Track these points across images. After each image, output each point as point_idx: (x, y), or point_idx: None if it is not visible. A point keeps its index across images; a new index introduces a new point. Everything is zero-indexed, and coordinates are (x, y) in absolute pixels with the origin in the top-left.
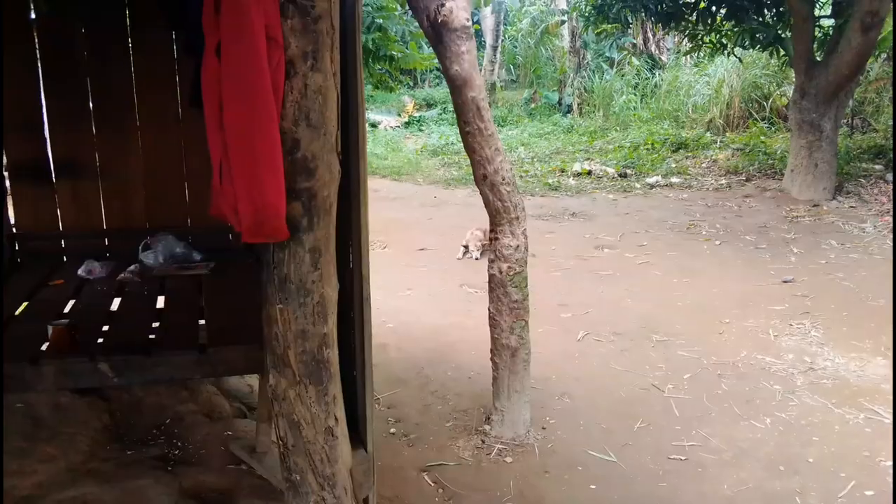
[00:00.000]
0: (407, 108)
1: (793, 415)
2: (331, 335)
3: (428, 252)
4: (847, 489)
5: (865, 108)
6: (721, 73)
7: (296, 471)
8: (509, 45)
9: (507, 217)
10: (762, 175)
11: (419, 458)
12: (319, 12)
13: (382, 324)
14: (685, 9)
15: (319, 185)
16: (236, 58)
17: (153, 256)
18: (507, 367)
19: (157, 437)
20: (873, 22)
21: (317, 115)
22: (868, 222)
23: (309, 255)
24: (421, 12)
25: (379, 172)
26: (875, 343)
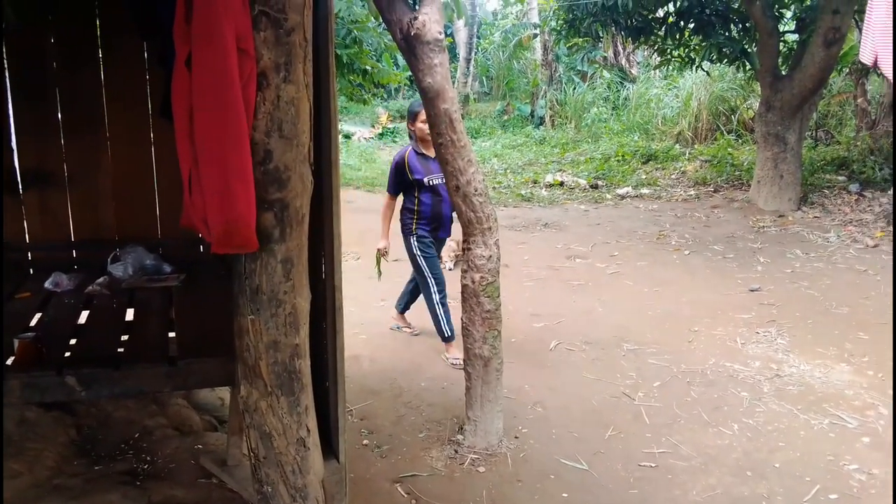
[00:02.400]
0: (381, 120)
1: (760, 421)
2: (303, 346)
3: (401, 263)
4: (812, 493)
5: (828, 120)
6: (689, 86)
7: (267, 482)
8: (482, 58)
9: (480, 228)
10: (730, 186)
11: (392, 469)
12: (292, 24)
13: (356, 335)
14: (654, 24)
15: (292, 195)
16: (207, 69)
17: (122, 268)
18: (479, 376)
19: (126, 451)
20: (835, 37)
21: (289, 126)
22: (832, 232)
23: (281, 265)
24: (394, 25)
25: (353, 184)
26: (839, 350)
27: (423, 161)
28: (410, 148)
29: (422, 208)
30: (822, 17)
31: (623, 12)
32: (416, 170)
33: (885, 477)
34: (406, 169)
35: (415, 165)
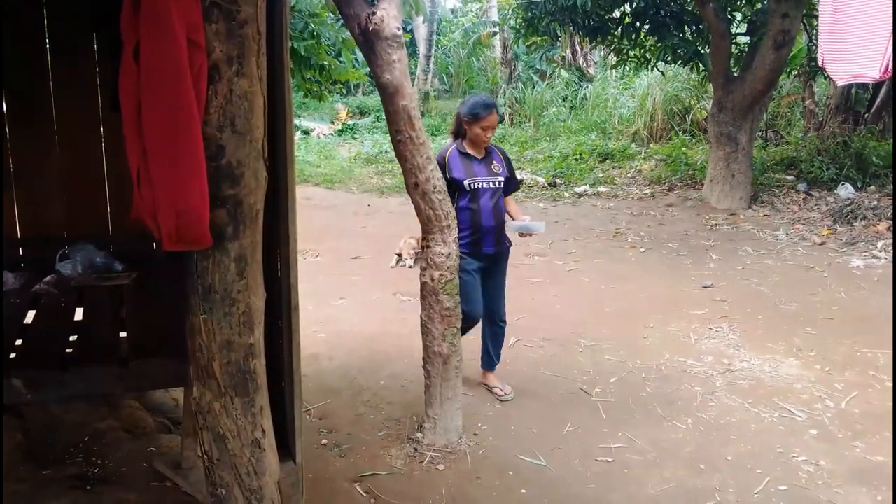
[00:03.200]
0: (340, 116)
1: (712, 415)
2: (257, 345)
3: (361, 260)
4: (763, 485)
5: (778, 121)
6: (645, 86)
7: (221, 485)
8: (442, 56)
9: (439, 225)
10: (683, 185)
11: (351, 469)
12: (245, 17)
13: (314, 333)
14: (611, 24)
15: (245, 192)
16: (156, 61)
17: (71, 266)
18: (439, 374)
19: (76, 455)
20: (785, 40)
21: (242, 120)
22: (781, 230)
23: (234, 263)
24: (352, 20)
25: (311, 180)
26: (787, 345)
27: (466, 161)
28: (454, 146)
29: (460, 216)
30: (772, 20)
31: (581, 12)
32: (456, 169)
33: (831, 468)
34: (446, 167)
35: (455, 165)
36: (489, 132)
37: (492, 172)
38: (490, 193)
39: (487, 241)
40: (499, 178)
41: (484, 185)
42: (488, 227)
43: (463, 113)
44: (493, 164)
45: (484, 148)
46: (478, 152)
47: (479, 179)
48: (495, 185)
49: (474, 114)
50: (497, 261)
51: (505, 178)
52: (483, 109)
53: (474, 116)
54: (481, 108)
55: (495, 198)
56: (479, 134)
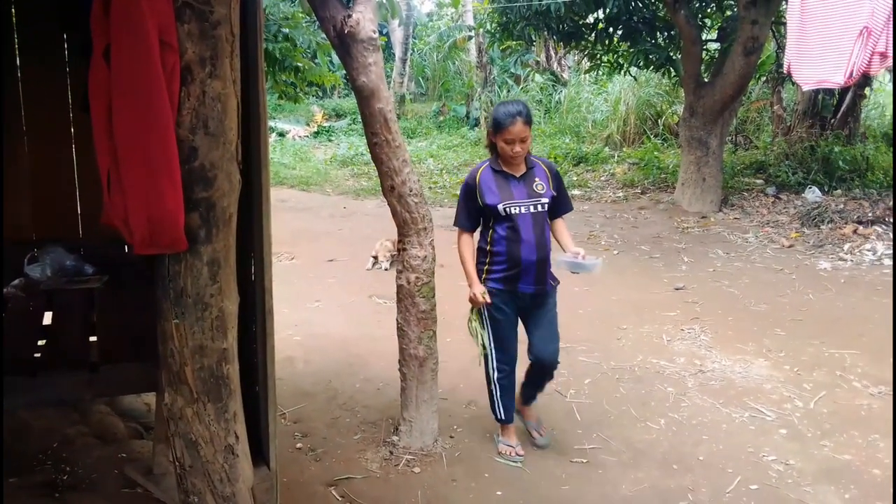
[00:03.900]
0: (316, 118)
1: (685, 415)
2: (231, 350)
3: (337, 263)
4: (734, 484)
5: (747, 126)
6: (618, 91)
7: (193, 492)
8: (418, 59)
9: (415, 228)
10: (656, 188)
11: (326, 473)
12: (218, 17)
13: (289, 336)
14: (585, 29)
15: (218, 195)
16: (127, 62)
17: (40, 270)
18: (415, 377)
19: (44, 462)
20: (754, 47)
21: (215, 122)
22: (750, 233)
23: (207, 267)
24: (327, 22)
25: (287, 182)
26: (757, 345)
27: (500, 181)
28: (486, 163)
29: (495, 247)
30: (742, 27)
31: (555, 17)
32: (490, 191)
33: (801, 466)
34: (477, 191)
35: (488, 186)
36: (516, 146)
37: (533, 193)
38: (532, 219)
39: (527, 278)
40: (542, 199)
41: (523, 210)
42: (529, 261)
43: (489, 124)
44: (534, 182)
45: (524, 163)
46: (515, 168)
47: (516, 203)
48: (538, 209)
49: (495, 123)
50: (538, 303)
51: (550, 199)
52: (504, 117)
53: (496, 126)
54: (502, 116)
55: (539, 225)
56: (505, 149)
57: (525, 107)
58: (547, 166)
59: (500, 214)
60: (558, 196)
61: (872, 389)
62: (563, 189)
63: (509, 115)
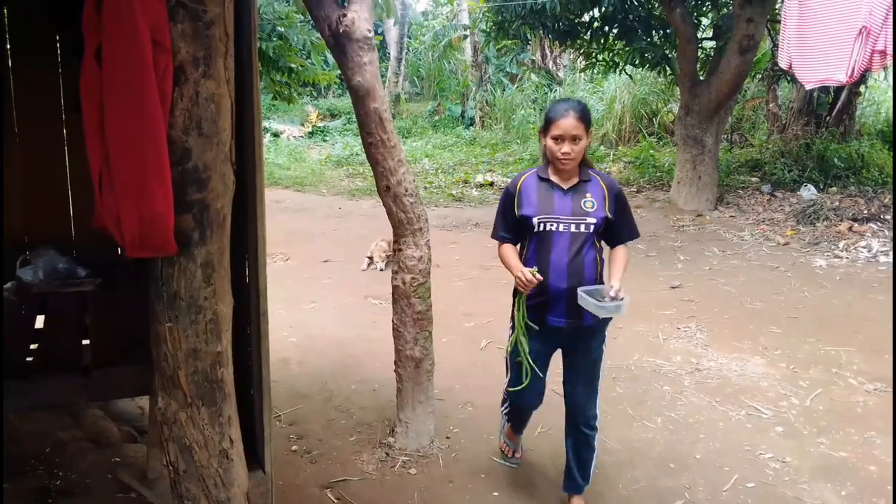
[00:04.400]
0: (310, 118)
1: (681, 414)
2: (225, 354)
3: (332, 264)
4: (731, 482)
5: (743, 124)
6: (613, 89)
7: (188, 497)
8: (413, 58)
9: (411, 228)
10: (652, 187)
11: (322, 475)
12: (212, 17)
13: (285, 338)
14: (580, 28)
15: (212, 196)
16: (119, 62)
17: (32, 272)
18: (411, 378)
19: (37, 467)
20: (749, 45)
21: (209, 123)
22: (746, 231)
23: (201, 270)
24: (322, 21)
25: (281, 183)
26: (753, 343)
27: (544, 191)
28: (534, 170)
29: (527, 265)
30: (738, 25)
31: (550, 16)
32: (528, 202)
33: (797, 464)
34: (515, 199)
35: (527, 196)
36: (565, 146)
37: (579, 210)
38: (569, 240)
39: (556, 308)
40: (588, 218)
41: (561, 228)
42: (557, 289)
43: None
44: (584, 198)
45: (575, 174)
46: (565, 178)
47: (555, 218)
48: (580, 229)
49: (545, 119)
50: (575, 341)
51: (601, 221)
52: (554, 111)
53: (545, 122)
54: (552, 110)
55: (578, 248)
56: (552, 148)
57: (581, 104)
58: (607, 184)
59: (533, 228)
60: (617, 219)
61: (868, 386)
62: (627, 212)
63: (560, 108)
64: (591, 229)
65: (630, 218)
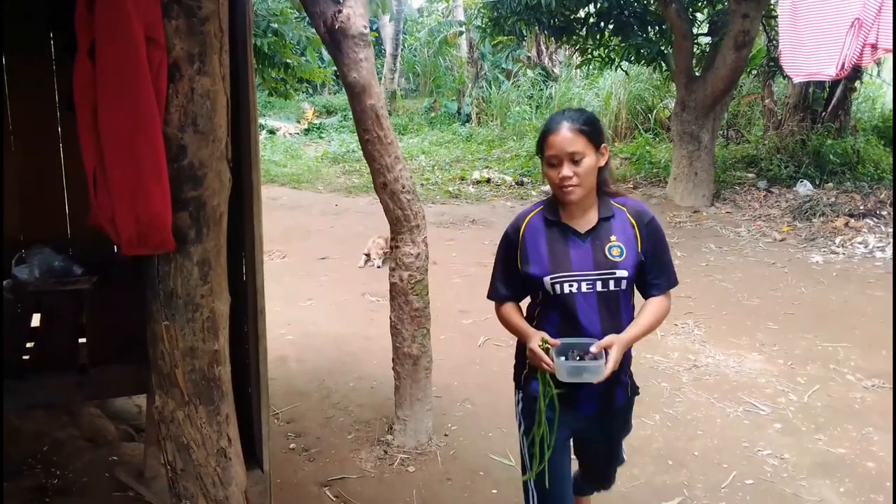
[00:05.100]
0: (306, 115)
1: (679, 410)
2: (222, 352)
3: (329, 261)
4: (729, 479)
5: (739, 120)
6: (609, 85)
7: (186, 496)
8: (409, 55)
9: (408, 225)
10: (648, 183)
11: (320, 473)
12: (206, 13)
13: (282, 335)
14: (576, 24)
15: (208, 193)
16: (112, 59)
17: (28, 271)
18: (409, 375)
19: (34, 466)
20: (745, 40)
21: (205, 120)
22: (742, 227)
23: (197, 267)
24: (318, 18)
25: (278, 180)
26: (751, 340)
27: (554, 238)
28: (539, 208)
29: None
30: (733, 20)
31: (546, 12)
32: (535, 257)
33: (795, 461)
34: (518, 250)
35: (533, 247)
36: (563, 169)
37: (604, 260)
38: (598, 303)
39: (588, 393)
40: (617, 271)
41: (585, 288)
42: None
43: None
44: (609, 242)
45: (592, 208)
46: (578, 217)
47: (574, 276)
48: (610, 287)
49: (539, 137)
50: (598, 426)
51: (634, 271)
52: (546, 125)
53: (538, 142)
54: (545, 124)
55: (612, 310)
56: (550, 177)
57: (583, 113)
58: (635, 215)
59: (546, 290)
60: (650, 261)
61: (866, 382)
62: (663, 250)
63: (553, 120)
64: (622, 285)
65: (667, 256)
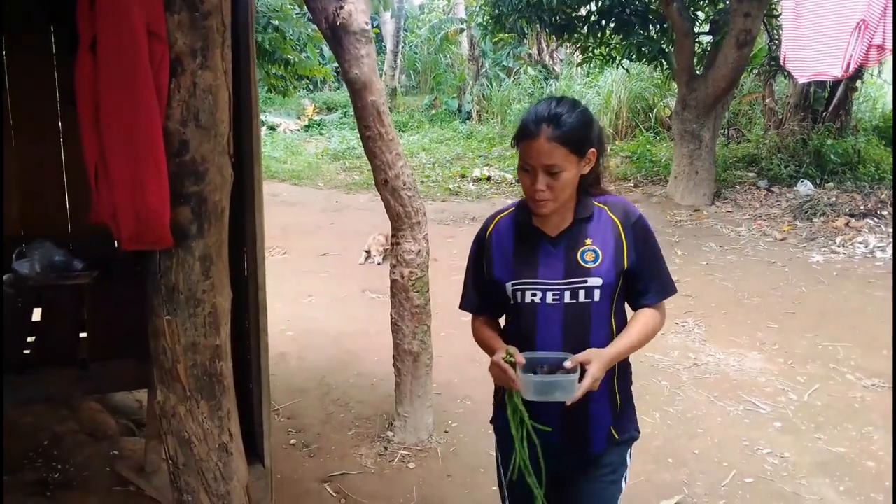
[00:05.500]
0: (307, 112)
1: (679, 409)
2: (224, 347)
3: (329, 257)
4: (729, 478)
5: (739, 119)
6: (610, 84)
7: (187, 491)
8: (409, 52)
9: (409, 222)
10: (648, 181)
11: (321, 469)
12: (209, 8)
13: (282, 332)
14: (577, 22)
15: (210, 189)
16: (113, 53)
17: (29, 265)
18: (409, 372)
19: (35, 460)
20: (746, 39)
21: (206, 115)
22: (743, 226)
23: (199, 263)
24: (319, 14)
25: (278, 176)
26: (751, 339)
27: (523, 241)
28: (512, 209)
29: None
30: (734, 19)
31: (547, 9)
32: (500, 260)
33: (795, 459)
34: (485, 253)
35: (499, 249)
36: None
37: (575, 267)
38: (562, 316)
39: (547, 418)
40: (589, 280)
41: (548, 299)
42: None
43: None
44: (583, 246)
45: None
46: (552, 222)
47: (538, 284)
48: (580, 298)
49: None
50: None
51: (613, 280)
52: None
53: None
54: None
55: (580, 326)
56: (523, 183)
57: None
58: (619, 214)
59: (509, 296)
60: (641, 268)
61: (866, 382)
62: (653, 254)
63: (531, 118)
64: (598, 296)
65: (659, 261)
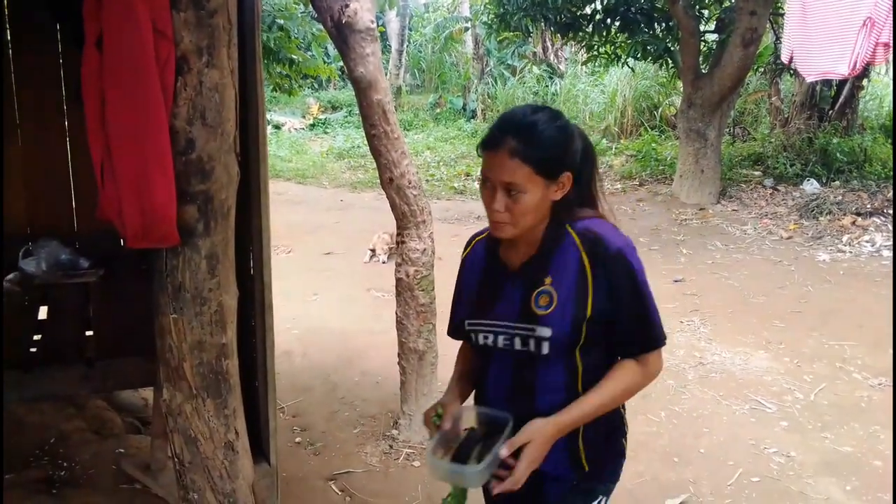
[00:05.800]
0: (312, 110)
1: (685, 408)
2: (230, 345)
3: (334, 256)
4: (735, 477)
5: (745, 118)
6: (615, 82)
7: (193, 489)
8: (414, 51)
9: (414, 220)
10: (654, 180)
11: (326, 467)
12: (215, 6)
13: (287, 330)
14: (582, 20)
15: (216, 187)
16: (120, 51)
17: (35, 263)
18: (414, 370)
19: (40, 458)
20: (752, 38)
21: (213, 113)
22: (749, 224)
23: (205, 261)
24: (324, 12)
25: (283, 175)
26: (757, 338)
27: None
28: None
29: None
30: (740, 18)
31: (552, 8)
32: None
33: (801, 458)
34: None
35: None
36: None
37: (527, 311)
38: (512, 362)
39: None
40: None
41: (500, 342)
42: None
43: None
44: (539, 287)
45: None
46: (515, 251)
47: (489, 326)
48: (529, 347)
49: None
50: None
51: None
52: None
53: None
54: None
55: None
56: (481, 195)
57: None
58: (588, 245)
59: (470, 337)
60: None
61: (872, 381)
62: (637, 297)
63: (496, 128)
64: (547, 349)
65: (644, 308)
